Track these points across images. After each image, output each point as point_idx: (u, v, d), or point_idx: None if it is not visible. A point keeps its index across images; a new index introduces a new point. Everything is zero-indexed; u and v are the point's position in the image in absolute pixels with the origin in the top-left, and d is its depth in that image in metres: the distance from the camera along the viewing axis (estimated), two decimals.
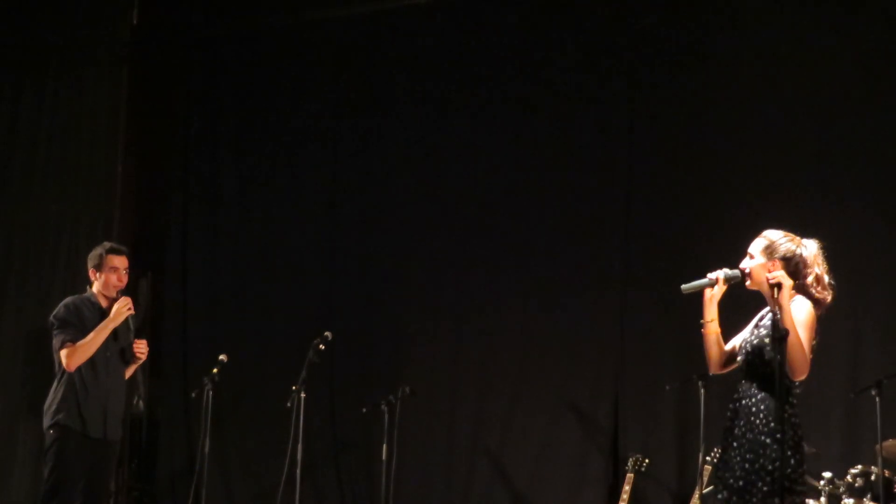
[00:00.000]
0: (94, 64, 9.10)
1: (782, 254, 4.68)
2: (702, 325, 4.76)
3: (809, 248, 4.72)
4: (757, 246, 4.74)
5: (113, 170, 9.01)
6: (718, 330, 4.77)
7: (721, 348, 4.79)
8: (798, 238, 4.75)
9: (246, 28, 9.19)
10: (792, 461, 4.46)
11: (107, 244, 6.42)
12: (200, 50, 9.32)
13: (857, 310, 6.98)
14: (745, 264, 4.75)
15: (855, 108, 7.16)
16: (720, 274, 4.73)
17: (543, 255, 7.96)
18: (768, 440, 4.47)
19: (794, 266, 4.65)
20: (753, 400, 4.58)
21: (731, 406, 4.69)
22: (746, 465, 4.51)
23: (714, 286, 4.72)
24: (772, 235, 4.75)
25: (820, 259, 4.74)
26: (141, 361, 6.37)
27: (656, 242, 7.63)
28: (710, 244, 7.11)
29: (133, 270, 8.73)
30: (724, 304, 4.78)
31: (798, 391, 4.61)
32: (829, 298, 4.70)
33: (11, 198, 9.05)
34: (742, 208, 7.11)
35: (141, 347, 6.31)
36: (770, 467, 4.45)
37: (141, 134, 9.22)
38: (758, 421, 4.53)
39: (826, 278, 4.72)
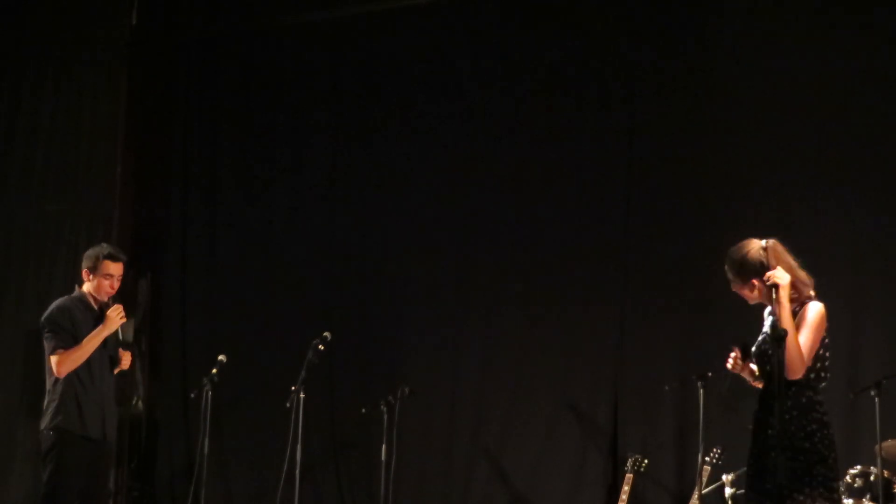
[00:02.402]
0: (94, 64, 9.10)
1: (755, 270, 4.62)
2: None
3: (771, 248, 4.66)
4: (730, 275, 4.71)
5: (112, 170, 9.00)
6: (757, 372, 4.80)
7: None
8: (755, 242, 4.69)
9: (246, 28, 9.19)
10: (829, 460, 4.49)
11: (106, 248, 6.28)
12: (200, 50, 9.32)
13: (857, 310, 6.98)
14: (736, 291, 4.73)
15: (854, 110, 7.16)
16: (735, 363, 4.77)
17: (543, 256, 7.96)
18: (807, 444, 4.49)
19: (765, 268, 4.61)
20: (785, 406, 4.55)
21: (758, 415, 4.67)
22: (789, 472, 4.48)
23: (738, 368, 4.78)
24: (734, 259, 4.68)
25: (775, 253, 4.65)
26: (119, 369, 6.33)
27: (656, 243, 7.63)
28: (709, 246, 7.10)
29: (132, 270, 8.79)
30: (733, 312, 4.78)
31: (823, 385, 4.64)
32: (811, 286, 4.68)
33: (10, 197, 9.05)
34: (741, 210, 7.12)
35: (125, 358, 6.26)
36: (814, 471, 4.47)
37: (140, 134, 9.21)
38: (793, 427, 4.52)
39: (793, 262, 4.67)
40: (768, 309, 4.79)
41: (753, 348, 4.75)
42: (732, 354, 4.77)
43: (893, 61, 7.11)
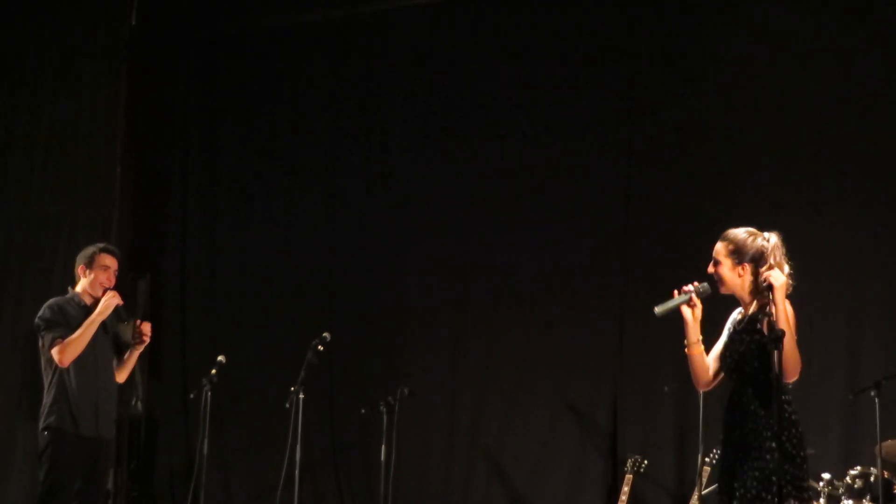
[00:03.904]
0: (93, 64, 9.09)
1: (751, 255, 4.61)
2: (686, 347, 4.71)
3: (771, 241, 4.65)
4: (722, 250, 4.66)
5: (111, 170, 8.99)
6: (703, 349, 4.72)
7: (707, 367, 4.74)
8: (760, 232, 4.67)
9: (245, 28, 9.18)
10: (797, 459, 4.46)
11: (99, 244, 6.39)
12: (200, 50, 9.32)
13: (856, 311, 6.99)
14: (715, 270, 4.67)
15: (853, 110, 7.17)
16: (690, 289, 4.67)
17: (542, 257, 7.96)
18: (774, 444, 4.45)
19: (765, 261, 4.57)
20: (752, 407, 4.54)
21: (727, 416, 4.64)
22: (757, 473, 4.45)
23: (692, 305, 4.65)
24: (736, 237, 4.65)
25: (779, 250, 4.63)
26: (143, 346, 6.35)
27: (655, 244, 7.63)
28: (709, 247, 7.08)
29: (131, 271, 8.79)
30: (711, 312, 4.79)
31: (790, 386, 4.61)
32: (789, 288, 4.64)
33: (10, 198, 9.05)
34: (741, 211, 7.09)
35: (146, 329, 6.29)
36: (781, 469, 4.43)
37: (140, 134, 9.20)
38: (760, 426, 4.51)
39: (786, 268, 4.62)
40: (735, 312, 4.76)
41: (726, 359, 4.71)
42: (694, 286, 4.67)
43: (893, 61, 7.11)
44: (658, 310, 4.67)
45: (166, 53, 9.38)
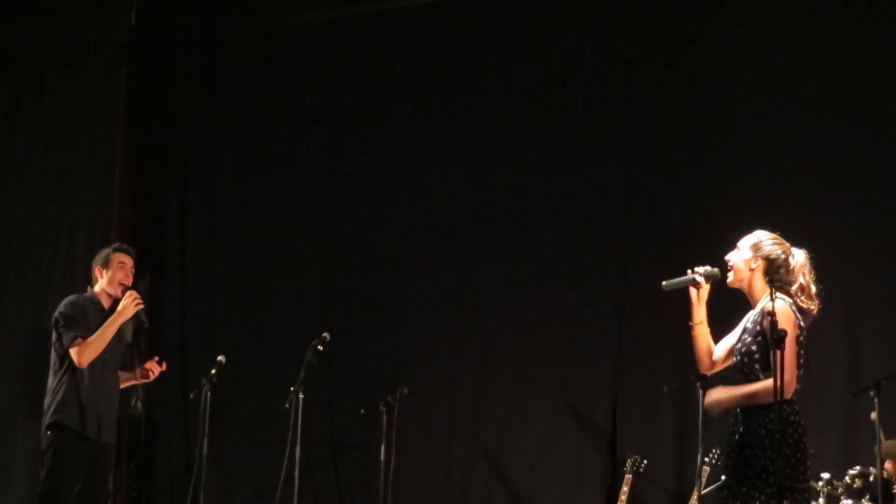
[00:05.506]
0: (93, 64, 9.11)
1: (766, 253, 4.66)
2: (691, 328, 4.77)
3: (797, 257, 4.70)
4: (745, 241, 4.76)
5: (111, 171, 9.00)
6: (708, 331, 4.78)
7: (711, 349, 4.79)
8: (787, 244, 4.73)
9: (245, 28, 9.19)
10: (793, 459, 4.46)
11: (115, 244, 6.43)
12: (199, 50, 9.32)
13: (856, 311, 6.99)
14: (731, 256, 4.75)
15: (852, 111, 7.17)
16: (699, 271, 4.76)
17: (542, 256, 7.96)
18: (768, 441, 4.46)
19: (776, 268, 4.63)
20: (752, 405, 4.56)
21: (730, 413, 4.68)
22: (748, 471, 4.49)
23: (697, 285, 4.75)
24: (761, 234, 4.75)
25: (807, 269, 4.70)
26: (145, 381, 6.42)
27: (655, 244, 7.63)
28: (708, 246, 7.08)
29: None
30: (716, 306, 4.79)
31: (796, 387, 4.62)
32: (815, 310, 4.68)
33: (9, 198, 9.05)
34: (740, 211, 7.09)
35: (153, 368, 6.32)
36: (772, 468, 4.43)
37: (139, 135, 9.21)
38: (758, 425, 4.51)
39: (812, 289, 4.68)
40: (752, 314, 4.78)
41: (733, 355, 4.72)
42: (703, 268, 4.77)
43: (892, 61, 7.11)
44: (665, 284, 4.86)
45: (166, 53, 9.38)
